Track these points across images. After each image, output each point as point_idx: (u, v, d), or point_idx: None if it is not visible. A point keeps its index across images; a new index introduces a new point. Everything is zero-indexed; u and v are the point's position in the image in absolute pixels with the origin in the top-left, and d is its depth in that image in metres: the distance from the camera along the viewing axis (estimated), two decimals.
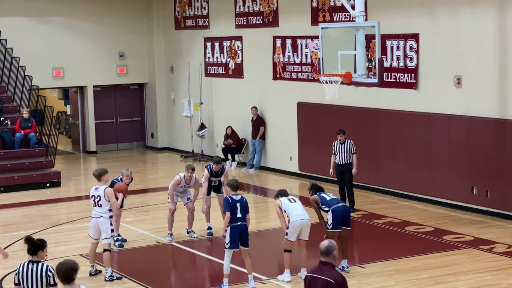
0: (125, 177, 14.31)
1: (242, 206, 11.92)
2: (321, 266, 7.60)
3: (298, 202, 12.43)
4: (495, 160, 15.85)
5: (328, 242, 7.64)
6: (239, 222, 11.89)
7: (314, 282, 7.54)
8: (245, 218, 11.96)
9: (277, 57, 21.50)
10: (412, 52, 17.50)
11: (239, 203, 11.93)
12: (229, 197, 12.00)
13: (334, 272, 7.55)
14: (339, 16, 19.09)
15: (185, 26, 25.35)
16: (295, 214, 12.20)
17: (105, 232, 12.61)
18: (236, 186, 12.16)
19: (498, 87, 15.81)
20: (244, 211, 11.95)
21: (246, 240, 11.93)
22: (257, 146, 22.17)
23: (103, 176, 12.81)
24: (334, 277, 7.47)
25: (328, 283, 7.44)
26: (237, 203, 11.91)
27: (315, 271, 7.63)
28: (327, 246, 7.61)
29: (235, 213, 11.87)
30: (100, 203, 12.62)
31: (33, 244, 8.45)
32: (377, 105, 18.48)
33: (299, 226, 12.16)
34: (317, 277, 7.52)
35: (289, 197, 12.54)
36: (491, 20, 15.81)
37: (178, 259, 14.15)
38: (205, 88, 24.49)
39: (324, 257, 7.61)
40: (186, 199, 15.09)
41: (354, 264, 13.08)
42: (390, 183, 18.30)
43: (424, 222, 15.75)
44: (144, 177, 22.61)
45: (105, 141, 26.69)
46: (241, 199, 11.99)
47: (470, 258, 13.26)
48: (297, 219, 12.16)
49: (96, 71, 25.99)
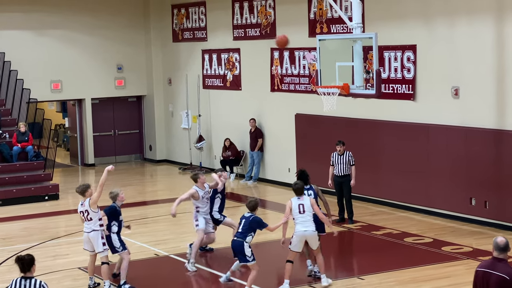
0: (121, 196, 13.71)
1: (245, 223, 12.19)
2: (494, 262, 7.46)
3: (307, 213, 12.29)
4: (493, 170, 15.86)
5: (505, 239, 7.58)
6: (235, 237, 12.30)
7: (487, 277, 7.39)
8: (244, 233, 12.13)
9: (275, 69, 21.54)
10: (410, 63, 17.54)
11: (245, 220, 12.23)
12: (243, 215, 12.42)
13: (509, 269, 7.42)
14: (337, 28, 19.14)
15: (183, 39, 25.40)
16: (300, 225, 12.22)
17: (98, 246, 12.60)
18: (250, 207, 12.34)
19: (496, 98, 15.84)
20: (248, 229, 12.14)
21: (240, 256, 12.21)
22: (255, 158, 22.18)
23: (87, 191, 12.82)
24: (509, 274, 7.35)
25: (502, 279, 7.31)
26: (243, 219, 12.28)
27: (487, 266, 7.47)
28: (506, 243, 7.52)
29: (238, 228, 12.37)
30: (89, 217, 12.62)
31: (25, 261, 8.46)
32: (375, 117, 18.50)
33: (302, 237, 12.21)
34: (491, 272, 7.39)
35: (300, 203, 12.34)
36: (488, 31, 15.85)
37: (177, 271, 14.11)
38: (203, 100, 24.51)
39: (500, 252, 7.49)
40: (211, 227, 14.34)
41: (353, 276, 13.07)
42: (388, 194, 18.30)
43: (423, 233, 15.74)
44: (143, 190, 22.61)
45: (104, 153, 26.68)
46: (248, 217, 12.23)
47: (469, 269, 13.22)
48: (300, 230, 12.18)
49: (94, 84, 26.02)
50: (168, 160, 26.68)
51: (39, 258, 14.80)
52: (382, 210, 18.07)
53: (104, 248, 12.64)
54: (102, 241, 12.58)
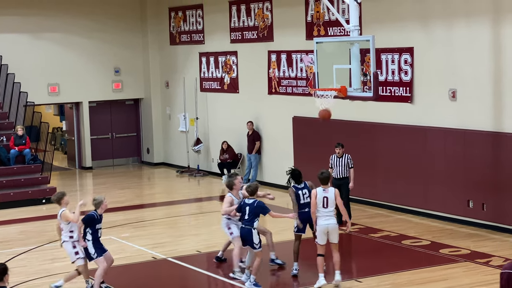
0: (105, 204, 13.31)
1: (250, 210, 12.50)
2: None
3: (330, 207, 12.39)
4: (491, 173, 15.86)
5: None
6: (243, 225, 12.60)
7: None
8: (251, 221, 12.45)
9: (272, 72, 21.54)
10: (407, 65, 17.55)
11: (249, 206, 12.52)
12: (243, 201, 12.76)
13: None
14: (334, 31, 19.15)
15: (180, 42, 25.40)
16: (322, 218, 12.36)
17: (70, 256, 12.60)
18: (251, 191, 12.66)
19: (493, 100, 15.85)
20: (254, 215, 12.48)
21: (248, 242, 12.55)
22: (253, 161, 22.18)
23: (62, 200, 12.80)
24: None
25: None
26: (246, 206, 12.56)
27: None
28: None
29: (243, 215, 12.61)
30: (61, 226, 12.64)
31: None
32: (373, 119, 18.51)
33: (324, 229, 12.36)
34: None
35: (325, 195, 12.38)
36: (486, 33, 15.86)
37: (174, 274, 14.10)
38: (201, 103, 24.51)
39: None
40: None
41: (352, 278, 13.06)
42: (386, 196, 18.30)
43: (421, 236, 15.74)
44: (140, 193, 22.60)
45: (101, 156, 26.68)
46: (251, 204, 12.54)
47: (466, 272, 13.25)
48: (323, 223, 12.34)
49: (91, 87, 26.02)
50: (165, 163, 26.67)
51: (37, 261, 14.89)
52: (380, 212, 18.07)
53: (77, 257, 12.57)
54: (74, 250, 12.55)
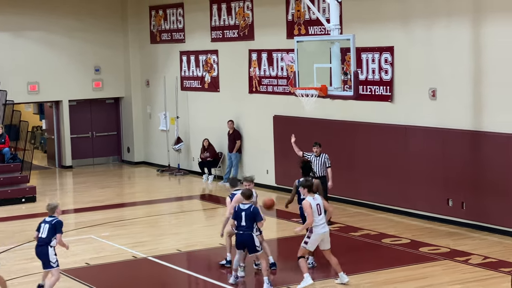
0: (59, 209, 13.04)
1: (247, 215, 12.38)
2: None
3: (323, 214, 12.52)
4: (470, 171, 15.95)
5: None
6: (241, 231, 12.44)
7: None
8: (250, 226, 12.39)
9: (253, 71, 21.54)
10: (387, 65, 17.60)
11: (245, 212, 12.38)
12: (237, 206, 12.57)
13: None
14: (315, 30, 19.18)
15: (160, 40, 25.34)
16: (319, 227, 12.38)
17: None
18: (248, 195, 12.58)
19: (473, 99, 15.93)
20: (251, 220, 12.40)
21: (250, 248, 12.49)
22: (234, 160, 22.16)
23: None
24: None
25: None
26: (242, 212, 12.40)
27: None
28: None
29: (239, 222, 12.43)
30: None
31: None
32: (353, 118, 18.55)
33: (320, 237, 12.42)
34: None
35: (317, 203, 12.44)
36: (465, 33, 15.94)
37: (155, 273, 14.07)
38: (181, 102, 24.47)
39: None
40: None
41: (331, 277, 13.08)
42: (366, 195, 18.35)
43: (401, 234, 15.80)
44: (121, 192, 22.53)
45: (81, 155, 26.57)
46: (248, 209, 12.43)
47: (446, 270, 13.31)
48: (320, 232, 12.38)
49: (71, 86, 25.90)
50: (146, 162, 26.60)
51: (16, 260, 14.79)
52: (360, 211, 18.12)
53: None
54: None
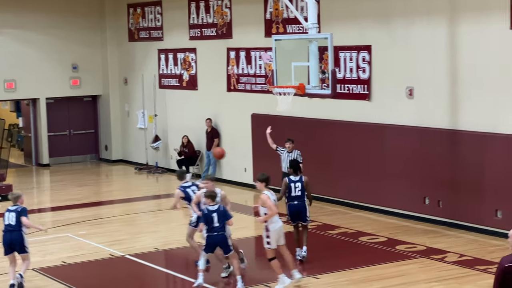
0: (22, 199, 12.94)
1: (219, 216, 12.27)
2: None
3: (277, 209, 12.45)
4: (447, 170, 16.04)
5: None
6: (215, 232, 12.26)
7: None
8: (222, 227, 12.27)
9: (231, 69, 21.54)
10: (365, 63, 17.67)
11: (216, 213, 12.27)
12: (205, 209, 12.37)
13: None
14: (293, 28, 19.21)
15: (138, 38, 25.28)
16: (274, 222, 12.23)
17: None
18: (213, 197, 12.45)
19: (450, 98, 16.03)
20: (223, 220, 12.29)
21: (224, 248, 12.39)
22: (212, 158, 22.15)
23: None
24: None
25: None
26: (213, 213, 12.26)
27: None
28: None
29: (211, 224, 12.25)
30: None
31: None
32: (331, 117, 18.61)
33: (279, 231, 12.25)
34: None
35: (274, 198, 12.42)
36: (442, 32, 16.03)
37: (132, 272, 14.04)
38: (159, 100, 24.42)
39: None
40: None
41: (308, 275, 13.12)
42: (343, 194, 18.41)
43: (377, 232, 15.87)
44: (98, 190, 22.46)
45: (58, 153, 26.44)
46: (217, 209, 12.31)
47: (422, 268, 13.39)
48: (277, 227, 12.22)
49: (49, 84, 25.78)
50: (124, 160, 26.53)
51: None
52: (337, 209, 18.17)
53: None
54: None
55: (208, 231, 12.32)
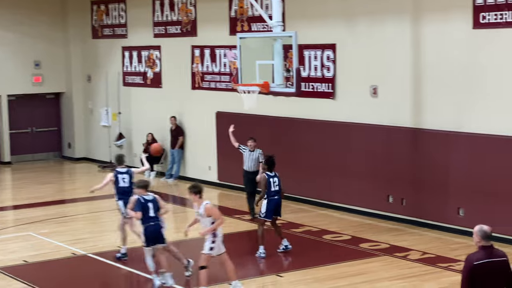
0: None
1: (154, 206, 12.30)
2: (488, 250, 7.65)
3: None
4: (411, 168, 16.13)
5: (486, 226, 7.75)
6: (153, 222, 12.22)
7: (488, 267, 7.54)
8: (158, 217, 12.28)
9: (195, 67, 21.46)
10: (329, 62, 17.70)
11: (152, 203, 12.28)
12: (141, 197, 12.32)
13: (500, 251, 7.75)
14: (257, 26, 19.18)
15: (102, 35, 25.09)
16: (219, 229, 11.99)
17: None
18: (145, 186, 12.43)
19: (414, 97, 16.11)
20: (158, 210, 12.32)
21: (160, 239, 12.31)
22: (176, 156, 22.07)
23: None
24: (505, 254, 7.73)
25: (504, 261, 7.63)
26: (148, 203, 12.26)
27: (485, 257, 7.61)
28: (491, 230, 7.73)
29: (147, 214, 12.20)
30: None
31: None
32: (295, 115, 18.62)
33: (222, 238, 11.94)
34: (492, 261, 7.57)
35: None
36: (406, 31, 16.11)
37: (94, 270, 13.92)
38: (124, 98, 24.26)
39: (488, 240, 7.69)
40: None
41: (272, 274, 13.11)
42: (308, 192, 18.43)
43: (342, 231, 15.91)
44: (61, 188, 22.26)
45: (20, 151, 26.16)
46: (153, 199, 12.33)
47: (385, 266, 13.45)
48: (221, 233, 11.91)
49: (10, 80, 25.49)
50: (87, 158, 26.33)
51: None
52: (302, 207, 18.19)
53: None
54: None
55: (145, 222, 12.22)
